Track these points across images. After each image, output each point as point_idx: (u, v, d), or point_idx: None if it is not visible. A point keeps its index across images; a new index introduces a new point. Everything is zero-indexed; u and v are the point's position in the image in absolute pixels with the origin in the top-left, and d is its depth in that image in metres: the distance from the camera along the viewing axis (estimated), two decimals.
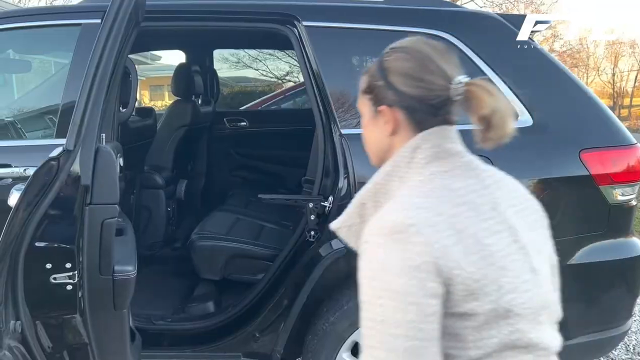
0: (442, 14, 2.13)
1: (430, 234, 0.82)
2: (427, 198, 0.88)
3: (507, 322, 0.84)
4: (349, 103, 2.01)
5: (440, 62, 0.94)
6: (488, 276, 0.83)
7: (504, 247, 0.87)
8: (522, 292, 0.86)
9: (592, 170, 1.94)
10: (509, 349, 0.85)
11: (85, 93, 1.28)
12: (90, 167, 1.32)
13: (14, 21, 2.17)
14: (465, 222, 0.86)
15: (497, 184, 0.95)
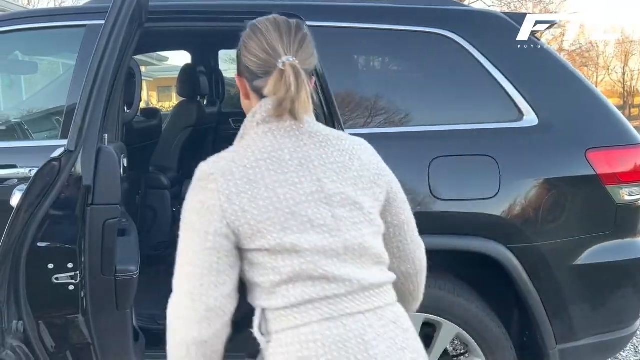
0: (447, 13, 2.12)
1: (222, 183, 1.01)
2: (236, 152, 1.07)
3: (298, 255, 1.02)
4: (353, 103, 2.00)
5: (274, 40, 1.09)
6: (272, 219, 1.01)
7: (299, 197, 1.03)
8: (313, 234, 1.03)
9: (599, 170, 1.92)
10: (307, 278, 1.02)
11: (86, 94, 1.28)
12: (92, 168, 1.32)
13: (18, 23, 2.19)
14: (263, 173, 1.03)
15: (322, 147, 1.10)
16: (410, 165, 1.96)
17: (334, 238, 1.05)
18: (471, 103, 2.06)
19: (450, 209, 1.93)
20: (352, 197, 1.09)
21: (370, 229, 1.11)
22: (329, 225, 1.05)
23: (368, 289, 1.07)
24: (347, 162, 1.11)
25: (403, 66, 2.38)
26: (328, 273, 1.03)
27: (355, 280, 1.05)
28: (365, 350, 1.04)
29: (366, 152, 1.16)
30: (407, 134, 2.02)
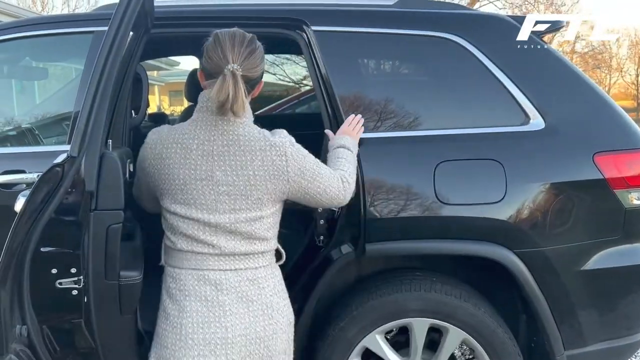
0: (452, 17, 2.11)
1: (149, 150, 1.49)
2: (168, 131, 1.49)
3: (182, 220, 1.46)
4: (358, 108, 2.00)
5: (226, 48, 1.42)
6: (168, 190, 1.46)
7: (190, 179, 1.43)
8: (194, 210, 1.44)
9: (607, 174, 1.90)
10: (187, 237, 1.47)
11: (89, 100, 1.30)
12: (95, 173, 1.33)
13: (27, 29, 2.21)
14: (171, 154, 1.44)
15: (227, 146, 1.44)
16: (415, 170, 1.96)
17: (210, 215, 1.44)
18: (477, 107, 2.05)
19: (456, 214, 1.92)
20: (239, 189, 1.44)
21: (248, 214, 1.46)
22: (209, 206, 1.44)
23: (231, 255, 1.48)
24: (246, 161, 1.44)
25: (409, 70, 2.38)
26: (200, 238, 1.45)
27: (220, 248, 1.46)
28: (217, 295, 1.46)
29: (273, 154, 1.46)
30: (413, 138, 2.01)
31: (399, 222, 1.93)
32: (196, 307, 1.46)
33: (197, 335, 1.45)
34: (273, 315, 1.52)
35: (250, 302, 1.49)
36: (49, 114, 2.78)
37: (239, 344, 1.46)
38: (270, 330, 1.51)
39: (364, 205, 1.91)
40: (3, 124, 2.67)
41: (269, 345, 1.51)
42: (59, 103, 2.95)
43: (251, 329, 1.48)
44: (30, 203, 1.26)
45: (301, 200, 1.57)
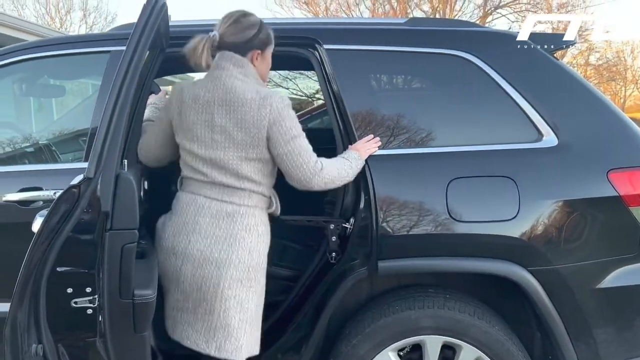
0: (462, 35, 2.12)
1: (176, 95, 1.84)
2: (192, 83, 1.84)
3: (189, 154, 1.81)
4: (371, 124, 2.01)
5: (220, 22, 1.86)
6: (182, 129, 1.82)
7: (197, 121, 1.77)
8: (197, 145, 1.78)
9: (621, 191, 1.88)
10: (191, 167, 1.82)
11: (105, 122, 1.32)
12: (111, 194, 1.35)
13: (46, 50, 2.27)
14: (188, 100, 1.80)
15: (226, 93, 1.75)
16: (427, 186, 1.96)
17: (207, 151, 1.76)
18: (489, 123, 2.04)
19: (469, 231, 1.91)
20: (229, 131, 1.74)
21: (237, 153, 1.75)
22: (207, 143, 1.76)
23: (220, 185, 1.77)
24: (237, 107, 1.73)
25: (421, 87, 2.39)
26: (199, 169, 1.79)
27: (211, 177, 1.77)
28: (195, 215, 1.78)
29: (260, 104, 1.73)
30: (425, 155, 2.01)
31: (411, 239, 1.93)
32: (176, 221, 1.81)
33: (168, 242, 1.81)
34: (233, 245, 1.74)
35: (218, 229, 1.75)
36: (66, 130, 2.83)
37: (194, 257, 1.74)
38: (224, 255, 1.73)
39: (376, 222, 1.92)
40: (21, 140, 2.73)
41: (220, 268, 1.73)
42: (76, 119, 3.00)
43: (209, 249, 1.74)
44: (47, 224, 1.29)
45: (279, 163, 1.80)
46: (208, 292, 1.74)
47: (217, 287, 1.73)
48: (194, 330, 1.77)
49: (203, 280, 1.74)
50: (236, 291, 1.75)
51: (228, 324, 1.74)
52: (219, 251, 1.73)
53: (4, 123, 3.01)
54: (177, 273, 1.78)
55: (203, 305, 1.75)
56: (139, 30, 1.40)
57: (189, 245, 1.76)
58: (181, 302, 1.79)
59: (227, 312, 1.74)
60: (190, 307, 1.77)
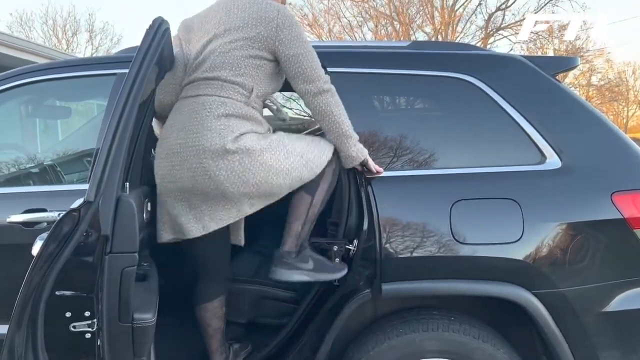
0: (465, 58, 2.14)
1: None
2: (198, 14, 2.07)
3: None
4: (375, 146, 2.02)
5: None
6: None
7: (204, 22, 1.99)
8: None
9: (626, 213, 1.87)
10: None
11: (107, 144, 1.33)
12: (111, 217, 1.35)
13: (54, 72, 2.29)
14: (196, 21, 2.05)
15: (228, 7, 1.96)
16: (431, 208, 1.96)
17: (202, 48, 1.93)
18: (493, 146, 2.05)
19: (473, 253, 1.90)
20: (236, 24, 1.86)
21: (232, 37, 1.88)
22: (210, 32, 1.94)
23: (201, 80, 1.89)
24: (238, 6, 1.90)
25: (425, 110, 2.40)
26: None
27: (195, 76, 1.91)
28: (175, 115, 1.90)
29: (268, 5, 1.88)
30: (429, 177, 2.01)
31: (415, 261, 1.92)
32: (166, 123, 1.94)
33: (158, 150, 1.91)
34: (202, 133, 1.78)
35: (194, 119, 1.81)
36: (70, 151, 2.85)
37: (178, 152, 1.81)
38: (199, 143, 1.77)
39: (380, 244, 1.91)
40: (26, 161, 2.75)
41: (199, 154, 1.77)
42: (81, 140, 3.03)
43: (187, 139, 1.80)
44: (46, 247, 1.28)
45: (287, 63, 1.87)
46: (202, 182, 1.78)
47: (206, 175, 1.77)
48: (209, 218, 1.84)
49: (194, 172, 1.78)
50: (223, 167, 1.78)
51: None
52: (192, 140, 1.80)
53: (10, 144, 3.03)
54: (172, 174, 1.83)
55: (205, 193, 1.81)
56: (141, 54, 1.42)
57: (176, 141, 1.83)
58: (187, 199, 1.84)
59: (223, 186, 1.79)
60: (197, 200, 1.83)
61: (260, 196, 1.85)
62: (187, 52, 1.98)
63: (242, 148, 1.78)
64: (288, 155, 1.85)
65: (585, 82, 25.45)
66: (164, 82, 1.97)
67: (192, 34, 2.00)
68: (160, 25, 1.56)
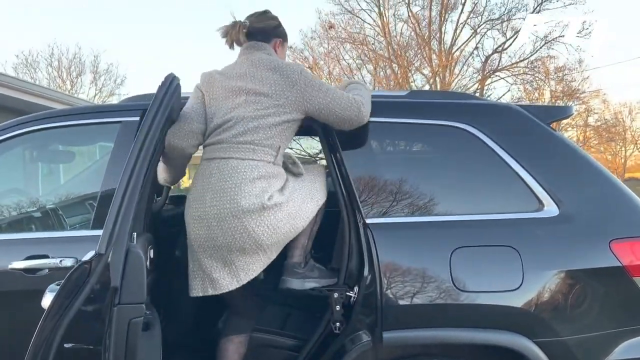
0: (462, 107, 2.20)
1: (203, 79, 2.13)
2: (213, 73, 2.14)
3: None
4: (375, 193, 2.05)
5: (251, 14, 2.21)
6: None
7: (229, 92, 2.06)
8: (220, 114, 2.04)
9: (625, 261, 1.89)
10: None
11: (118, 199, 1.36)
12: (120, 269, 1.38)
13: (61, 120, 2.34)
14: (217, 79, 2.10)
15: (252, 67, 2.06)
16: (431, 255, 1.97)
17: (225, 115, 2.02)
18: (491, 193, 2.08)
19: (474, 301, 1.91)
20: (260, 94, 1.98)
21: (256, 113, 1.98)
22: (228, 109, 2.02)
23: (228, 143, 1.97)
24: (268, 76, 1.99)
25: (423, 158, 2.44)
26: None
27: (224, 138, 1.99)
28: (207, 177, 1.96)
29: (288, 71, 2.00)
30: (428, 224, 2.03)
31: (416, 309, 1.92)
32: (195, 184, 2.01)
33: (191, 211, 1.98)
34: (240, 196, 1.88)
35: (225, 182, 1.91)
36: (73, 194, 2.87)
37: (215, 214, 1.90)
38: (238, 206, 1.88)
39: (381, 291, 1.91)
40: (28, 204, 2.76)
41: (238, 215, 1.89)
42: (83, 183, 3.05)
43: (223, 202, 1.89)
44: (57, 300, 1.30)
45: (320, 115, 2.02)
46: (240, 239, 1.89)
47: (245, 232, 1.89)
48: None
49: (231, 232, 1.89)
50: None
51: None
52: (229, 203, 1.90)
53: (12, 189, 3.06)
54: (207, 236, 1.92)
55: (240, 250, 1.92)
56: (153, 109, 1.46)
57: (205, 207, 1.93)
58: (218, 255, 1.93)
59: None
60: (232, 256, 1.93)
61: (286, 240, 2.01)
62: (210, 107, 2.06)
63: (275, 203, 1.92)
64: (304, 199, 2.03)
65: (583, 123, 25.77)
66: (178, 126, 2.01)
67: (215, 90, 2.06)
68: (172, 82, 1.61)
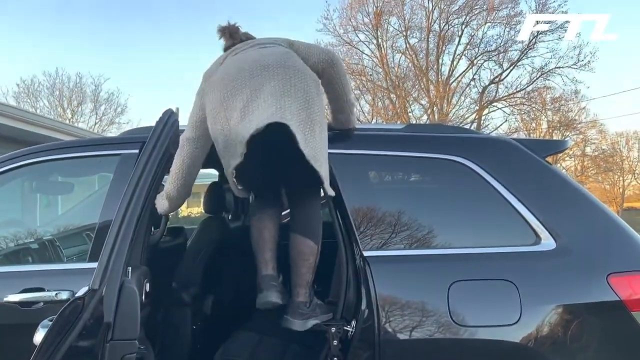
0: (458, 140, 2.22)
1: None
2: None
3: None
4: (372, 226, 2.05)
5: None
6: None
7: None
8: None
9: (623, 295, 1.88)
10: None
11: (113, 234, 1.36)
12: (114, 305, 1.36)
13: (61, 152, 2.37)
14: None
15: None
16: (429, 289, 1.96)
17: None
18: (488, 226, 2.09)
19: (472, 336, 1.89)
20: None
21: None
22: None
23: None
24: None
25: (420, 190, 2.45)
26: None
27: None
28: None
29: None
30: (426, 257, 2.03)
31: (414, 344, 1.90)
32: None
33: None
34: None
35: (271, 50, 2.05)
36: (70, 225, 2.87)
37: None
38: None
39: (378, 326, 1.90)
40: (26, 236, 2.76)
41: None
42: (81, 215, 3.05)
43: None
44: (49, 336, 1.29)
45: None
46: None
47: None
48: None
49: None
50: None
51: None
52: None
53: (10, 220, 3.06)
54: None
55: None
56: (151, 144, 1.48)
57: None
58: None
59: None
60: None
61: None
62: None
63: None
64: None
65: (580, 153, 25.91)
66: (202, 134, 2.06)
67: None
68: (170, 117, 1.64)
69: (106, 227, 2.00)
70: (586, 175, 26.49)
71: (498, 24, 22.57)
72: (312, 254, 2.07)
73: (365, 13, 23.67)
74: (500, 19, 22.47)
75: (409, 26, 23.42)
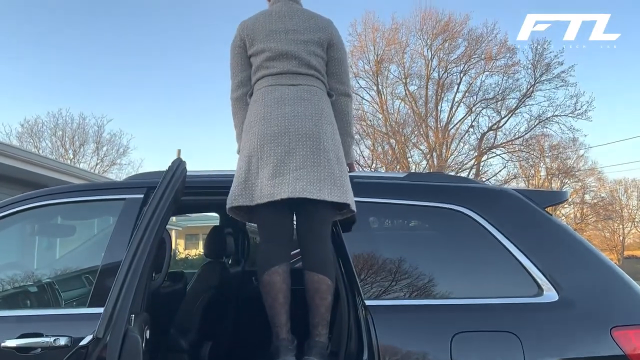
0: (459, 190, 2.24)
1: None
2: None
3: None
4: (373, 275, 2.05)
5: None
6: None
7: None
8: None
9: (627, 349, 1.86)
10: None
11: (119, 283, 1.37)
12: (117, 354, 1.35)
13: (64, 197, 2.39)
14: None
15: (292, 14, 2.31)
16: (432, 340, 1.94)
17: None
18: (490, 277, 2.09)
19: None
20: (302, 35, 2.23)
21: (307, 48, 2.22)
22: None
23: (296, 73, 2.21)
24: (303, 21, 2.25)
25: (422, 239, 2.45)
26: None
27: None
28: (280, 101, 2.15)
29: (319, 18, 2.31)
30: (428, 307, 2.02)
31: None
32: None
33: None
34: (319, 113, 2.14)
35: (303, 100, 2.13)
36: (69, 269, 2.85)
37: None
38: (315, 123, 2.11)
39: None
40: (23, 279, 2.74)
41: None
42: (81, 258, 3.04)
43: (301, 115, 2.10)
44: None
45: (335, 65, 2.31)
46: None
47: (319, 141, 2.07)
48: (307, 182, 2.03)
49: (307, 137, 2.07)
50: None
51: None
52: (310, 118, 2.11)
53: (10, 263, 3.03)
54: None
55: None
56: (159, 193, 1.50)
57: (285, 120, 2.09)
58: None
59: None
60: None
61: None
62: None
63: None
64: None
65: (579, 200, 25.96)
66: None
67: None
68: (179, 166, 1.67)
69: (109, 270, 2.01)
70: (586, 223, 26.46)
71: (496, 73, 23.11)
72: (330, 292, 2.04)
73: (366, 60, 24.25)
74: (498, 68, 23.04)
75: (408, 74, 23.95)
